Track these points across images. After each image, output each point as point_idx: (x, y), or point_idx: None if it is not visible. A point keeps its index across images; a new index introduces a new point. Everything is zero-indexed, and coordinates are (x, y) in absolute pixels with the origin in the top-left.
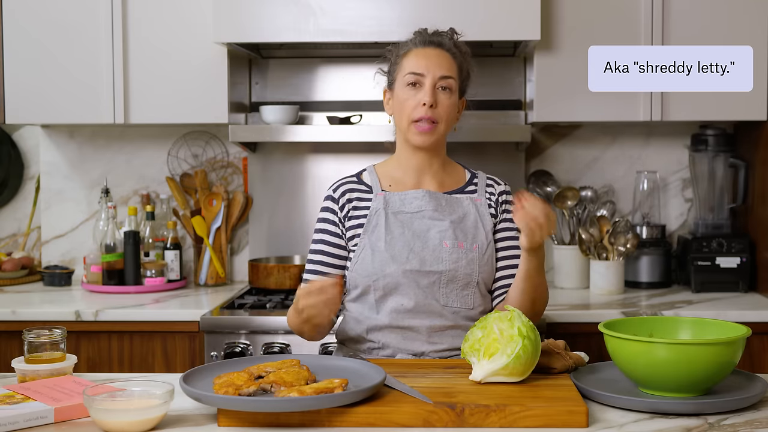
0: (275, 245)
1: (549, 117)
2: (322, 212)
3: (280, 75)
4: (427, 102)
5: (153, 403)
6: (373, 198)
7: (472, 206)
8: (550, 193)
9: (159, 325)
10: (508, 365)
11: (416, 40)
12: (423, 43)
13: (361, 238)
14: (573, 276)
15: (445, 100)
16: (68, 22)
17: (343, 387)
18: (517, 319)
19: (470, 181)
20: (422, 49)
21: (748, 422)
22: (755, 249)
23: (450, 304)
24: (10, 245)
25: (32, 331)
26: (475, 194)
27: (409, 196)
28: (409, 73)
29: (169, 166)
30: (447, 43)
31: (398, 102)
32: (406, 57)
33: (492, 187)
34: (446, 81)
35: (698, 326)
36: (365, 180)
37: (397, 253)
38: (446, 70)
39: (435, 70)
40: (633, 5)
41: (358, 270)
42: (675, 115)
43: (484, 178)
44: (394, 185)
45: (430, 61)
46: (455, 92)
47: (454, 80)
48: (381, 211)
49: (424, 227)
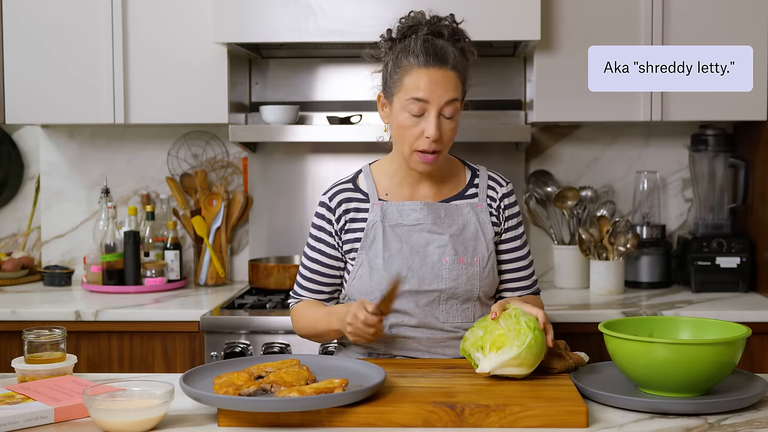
0: (275, 245)
1: (549, 117)
2: (318, 219)
3: (280, 75)
4: (431, 136)
5: (153, 403)
6: (370, 209)
7: (472, 214)
8: (550, 193)
9: (159, 325)
10: (519, 355)
11: (419, 54)
12: (426, 62)
13: (358, 253)
14: (573, 276)
15: (448, 125)
16: (68, 22)
17: (343, 387)
18: (522, 316)
19: (471, 183)
20: (425, 69)
21: (748, 422)
22: (755, 249)
23: (450, 321)
24: (10, 245)
25: (32, 331)
26: (475, 199)
27: (407, 207)
28: (411, 98)
29: (169, 166)
30: (451, 55)
31: (398, 124)
32: (408, 75)
33: (493, 190)
34: (451, 105)
35: (698, 326)
36: (361, 186)
37: (394, 271)
38: (452, 92)
39: (441, 95)
40: (633, 5)
41: (356, 286)
42: (675, 115)
43: (486, 178)
44: (391, 193)
45: (435, 85)
46: (459, 109)
47: (459, 100)
48: (378, 224)
49: (423, 241)
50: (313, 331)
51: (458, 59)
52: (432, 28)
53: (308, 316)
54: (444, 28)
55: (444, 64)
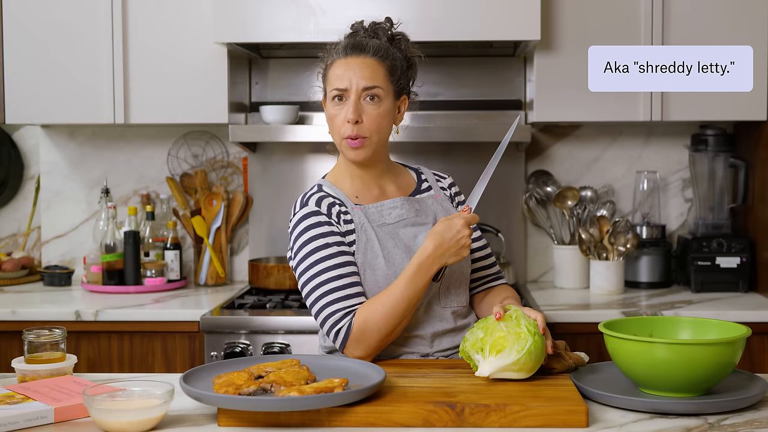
0: (275, 245)
1: (549, 117)
2: (318, 228)
3: (280, 75)
4: (350, 119)
5: (153, 403)
6: (351, 212)
7: (437, 204)
8: (550, 193)
9: (159, 325)
10: (519, 360)
11: (339, 47)
12: (345, 51)
13: (355, 256)
14: (573, 276)
15: (372, 111)
16: (68, 22)
17: (343, 387)
18: (523, 319)
19: (420, 179)
20: (344, 59)
21: (748, 422)
22: (755, 249)
23: (449, 305)
24: (10, 245)
25: (32, 331)
26: (432, 191)
27: (386, 206)
28: (333, 88)
29: (169, 166)
30: (372, 44)
31: (329, 117)
32: (331, 69)
33: (440, 182)
34: (371, 91)
35: (698, 326)
36: (331, 194)
37: (398, 268)
38: (369, 79)
39: (358, 81)
40: (633, 5)
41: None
42: (675, 115)
43: (431, 174)
44: (361, 197)
45: (352, 72)
46: (386, 98)
47: (382, 88)
48: (366, 225)
49: (411, 235)
50: (405, 309)
51: (383, 49)
52: (366, 33)
53: (389, 300)
54: (380, 30)
55: (362, 52)
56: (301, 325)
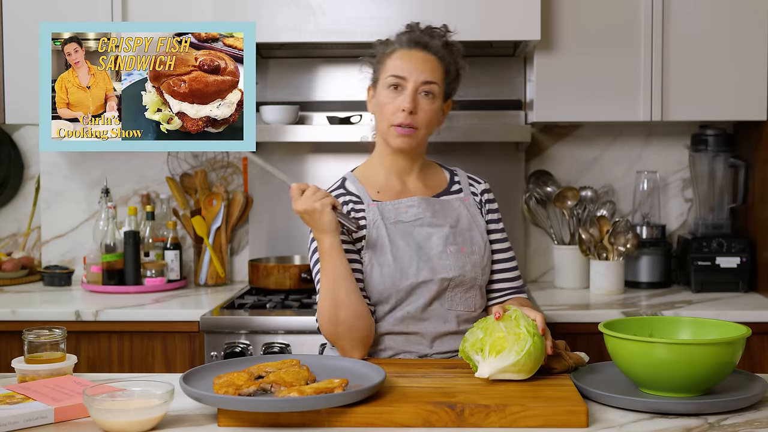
0: (275, 245)
1: (549, 117)
2: None
3: (280, 75)
4: (407, 108)
5: (153, 403)
6: (366, 209)
7: (462, 208)
8: (550, 193)
9: (159, 325)
10: (518, 362)
11: (403, 39)
12: (409, 44)
13: (364, 252)
14: (573, 276)
15: (426, 105)
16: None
17: (343, 387)
18: (522, 319)
19: (452, 181)
20: (407, 50)
21: (748, 422)
22: (755, 249)
23: (454, 308)
24: (10, 245)
25: (32, 331)
26: (461, 194)
27: (403, 204)
28: (391, 75)
29: (169, 166)
30: (435, 44)
31: (379, 103)
32: (390, 57)
33: (473, 186)
34: (429, 86)
35: (698, 326)
36: (351, 190)
37: (405, 266)
38: (430, 75)
39: (418, 74)
40: (633, 5)
41: (367, 288)
42: (675, 115)
43: (465, 177)
44: (382, 192)
45: (414, 64)
46: (439, 97)
47: (438, 85)
48: (379, 222)
49: (425, 235)
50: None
51: (443, 51)
52: (423, 33)
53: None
54: (436, 34)
55: (425, 48)
56: (301, 325)
